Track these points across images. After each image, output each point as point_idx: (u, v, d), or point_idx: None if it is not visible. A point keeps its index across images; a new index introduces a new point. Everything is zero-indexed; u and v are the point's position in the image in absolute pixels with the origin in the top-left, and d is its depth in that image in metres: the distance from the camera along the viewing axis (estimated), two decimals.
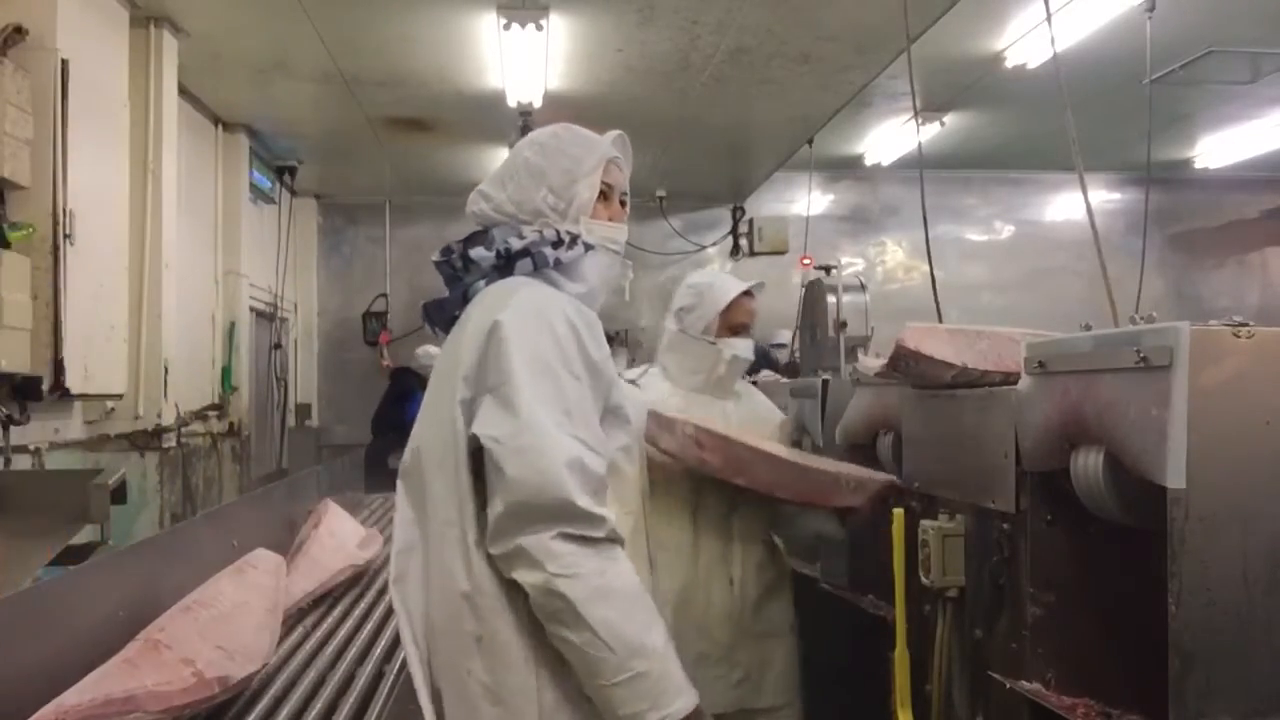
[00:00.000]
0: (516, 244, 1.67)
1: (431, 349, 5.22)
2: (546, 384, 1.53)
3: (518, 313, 1.57)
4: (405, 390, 6.94)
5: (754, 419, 2.76)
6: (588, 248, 1.70)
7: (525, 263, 1.66)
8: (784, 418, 2.92)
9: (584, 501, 1.47)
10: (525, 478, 1.47)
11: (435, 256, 1.75)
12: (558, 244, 1.67)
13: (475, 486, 1.54)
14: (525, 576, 1.46)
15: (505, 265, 1.67)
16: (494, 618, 1.51)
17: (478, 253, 1.68)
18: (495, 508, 1.48)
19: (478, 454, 1.53)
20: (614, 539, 1.50)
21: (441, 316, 1.74)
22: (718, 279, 2.76)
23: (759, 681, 2.55)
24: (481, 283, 1.68)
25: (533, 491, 1.46)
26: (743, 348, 2.67)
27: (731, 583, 2.56)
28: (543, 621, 1.49)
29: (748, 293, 2.70)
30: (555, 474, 1.47)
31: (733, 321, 2.66)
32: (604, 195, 1.75)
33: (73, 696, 1.58)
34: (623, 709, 1.46)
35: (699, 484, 2.56)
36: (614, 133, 1.79)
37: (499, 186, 1.75)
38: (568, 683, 1.51)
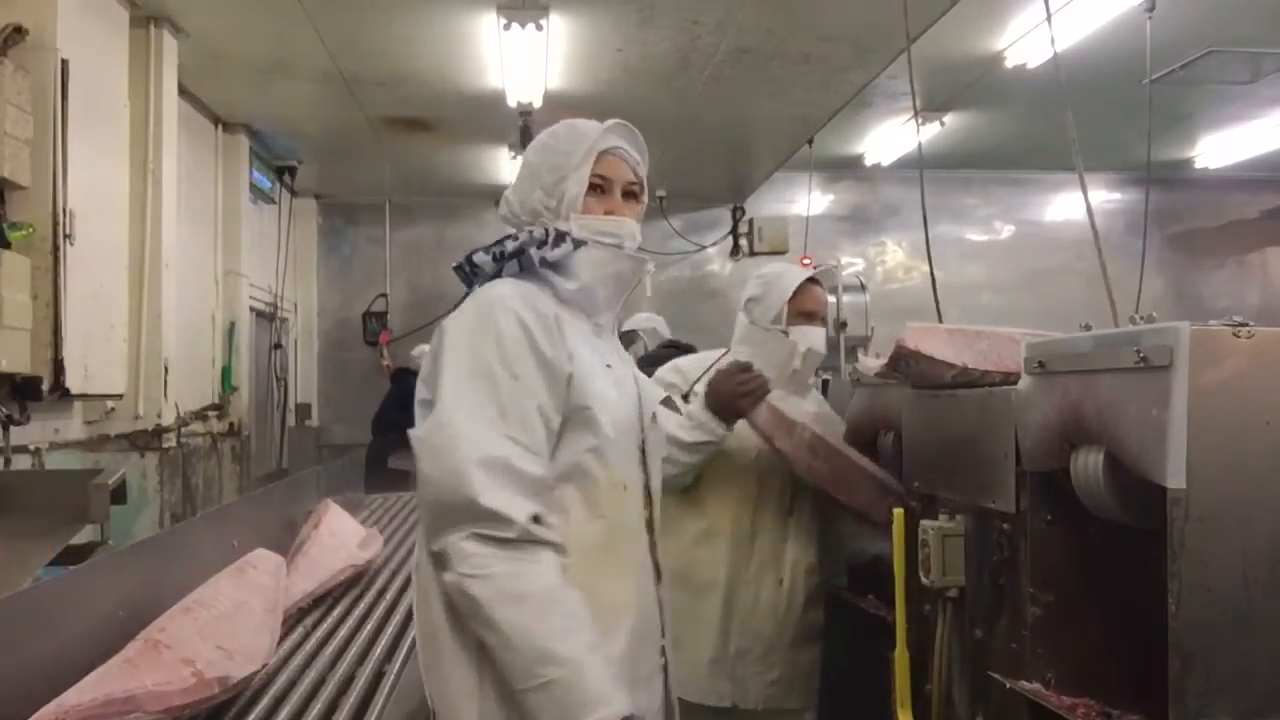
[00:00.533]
0: (510, 246, 1.66)
1: (425, 347, 5.18)
2: (479, 384, 1.52)
3: (463, 315, 1.60)
4: (406, 390, 6.90)
5: (828, 419, 2.73)
6: (577, 244, 1.67)
7: (512, 264, 1.66)
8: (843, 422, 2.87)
9: (492, 500, 1.44)
10: (436, 476, 1.48)
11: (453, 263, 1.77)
12: (543, 243, 1.65)
13: None
14: (443, 576, 1.48)
15: (497, 268, 1.67)
16: (436, 617, 1.54)
17: (479, 257, 1.69)
18: (420, 508, 1.52)
19: None
20: (533, 540, 1.46)
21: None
22: (786, 268, 2.72)
23: (790, 683, 2.56)
24: (479, 286, 1.68)
25: (444, 490, 1.47)
26: (815, 338, 2.62)
27: (780, 583, 2.56)
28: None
29: (815, 280, 2.66)
30: (463, 471, 1.45)
31: (802, 309, 2.61)
32: (599, 189, 1.72)
33: (73, 696, 1.58)
34: (539, 714, 1.43)
35: (763, 478, 2.57)
36: (610, 121, 1.74)
37: (513, 189, 1.77)
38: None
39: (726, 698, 2.51)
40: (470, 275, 1.70)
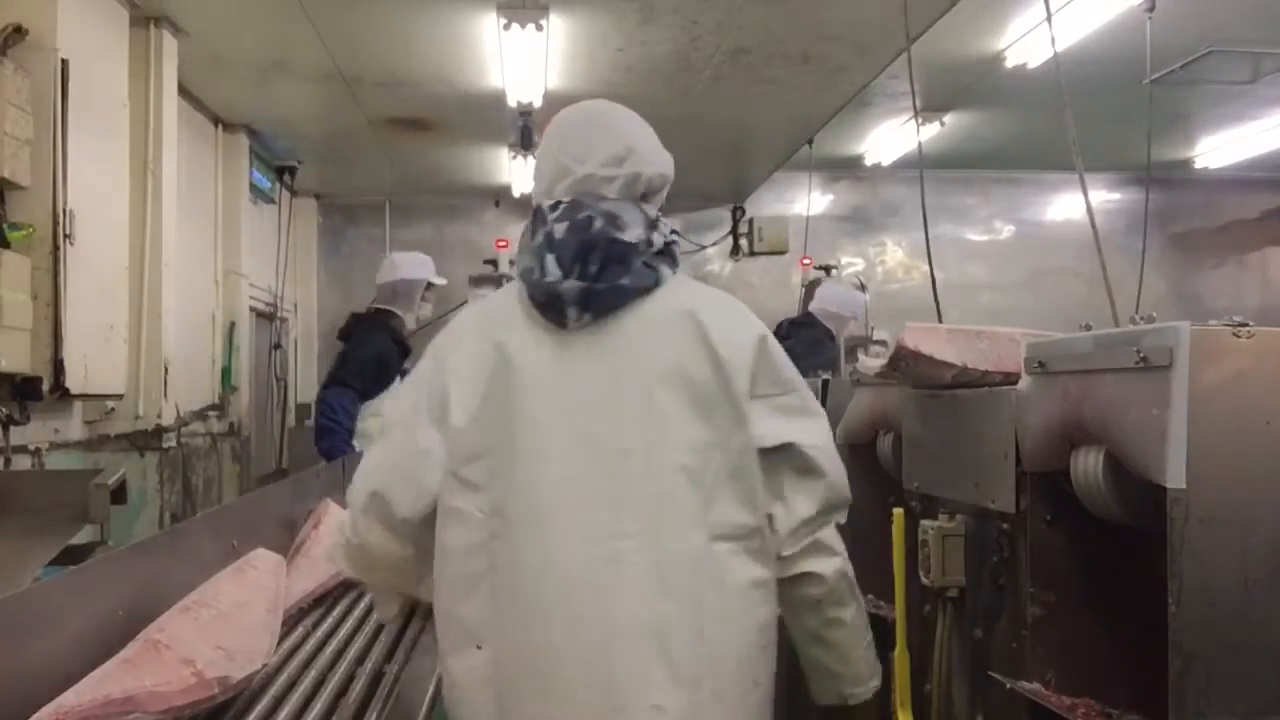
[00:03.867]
0: (666, 228, 1.70)
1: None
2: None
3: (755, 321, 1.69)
4: None
5: None
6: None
7: (675, 250, 1.71)
8: None
9: None
10: (837, 477, 1.63)
11: (596, 235, 1.61)
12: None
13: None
14: (821, 565, 1.63)
15: (671, 251, 1.69)
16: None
17: (656, 235, 1.67)
18: (801, 509, 1.60)
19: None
20: None
21: (611, 301, 1.61)
22: None
23: None
24: (667, 270, 1.66)
25: (839, 488, 1.64)
26: None
27: None
28: (819, 607, 1.66)
29: None
30: (844, 471, 1.66)
31: None
32: None
33: (72, 697, 1.58)
34: (868, 667, 1.74)
35: None
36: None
37: (661, 168, 1.74)
38: None
39: None
40: (641, 251, 1.63)
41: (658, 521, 1.54)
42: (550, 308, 1.62)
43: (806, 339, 5.33)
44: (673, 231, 1.70)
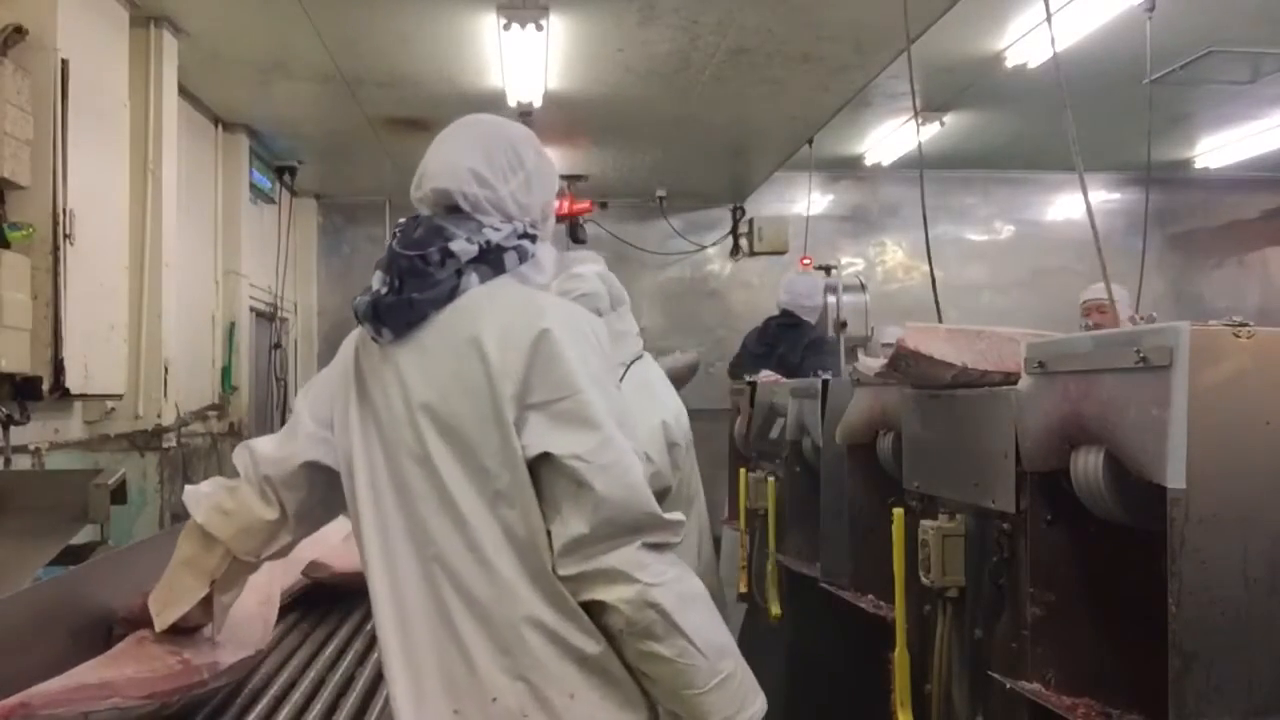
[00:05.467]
0: (495, 236, 1.60)
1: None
2: (603, 395, 1.51)
3: (560, 321, 1.52)
4: None
5: None
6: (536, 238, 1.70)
7: (512, 256, 1.61)
8: None
9: (663, 512, 1.48)
10: (614, 493, 1.44)
11: (407, 250, 1.59)
12: (531, 238, 1.66)
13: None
14: (610, 593, 1.43)
15: (493, 259, 1.59)
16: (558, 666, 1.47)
17: (458, 245, 1.58)
18: (573, 528, 1.44)
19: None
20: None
21: (408, 317, 1.58)
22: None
23: None
24: (474, 279, 1.58)
25: (620, 507, 1.44)
26: None
27: None
28: (627, 639, 1.44)
29: None
30: (640, 487, 1.46)
31: None
32: None
33: (44, 685, 1.55)
34: (715, 715, 1.44)
35: None
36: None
37: (501, 178, 1.66)
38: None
39: None
40: (436, 266, 1.57)
41: (445, 552, 1.51)
42: (362, 322, 1.65)
43: (796, 341, 5.32)
44: (523, 235, 1.62)
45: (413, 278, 1.58)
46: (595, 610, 1.46)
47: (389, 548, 1.55)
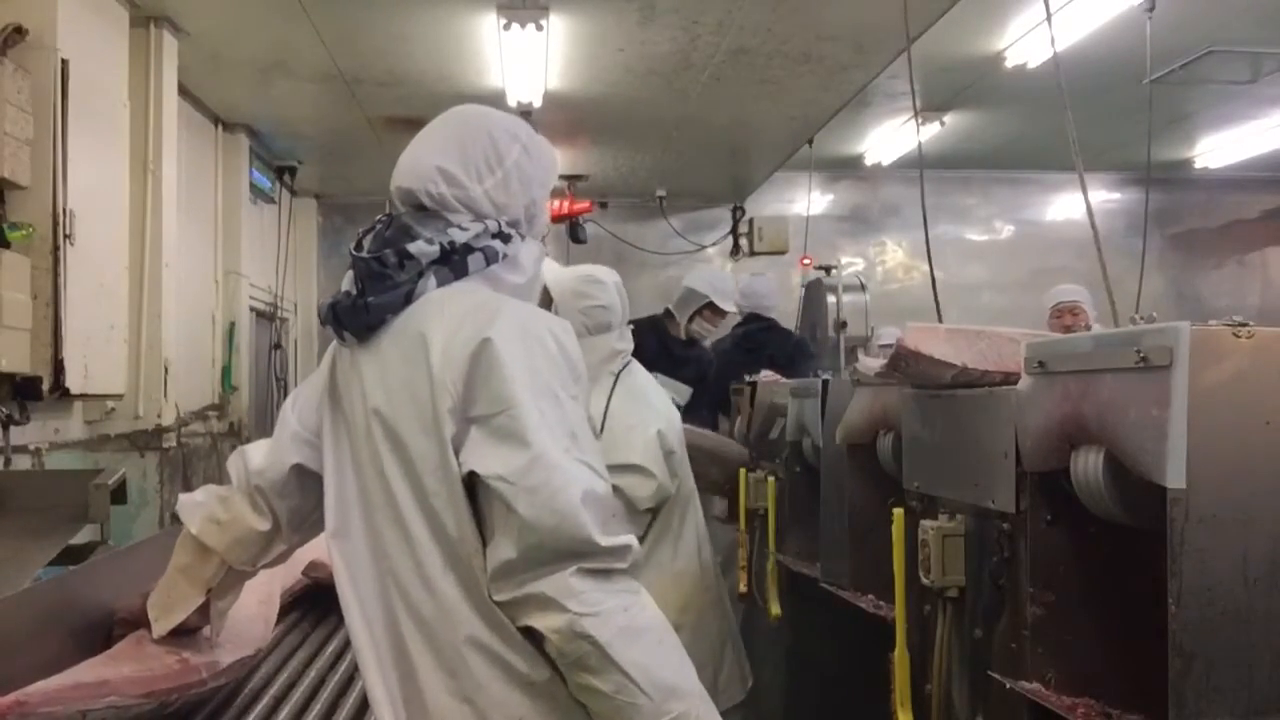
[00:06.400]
0: (461, 236, 1.53)
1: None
2: (550, 408, 1.41)
3: (506, 329, 1.43)
4: None
5: None
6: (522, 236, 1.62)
7: (478, 258, 1.53)
8: None
9: (603, 537, 1.36)
10: (540, 518, 1.35)
11: (370, 251, 1.54)
12: (505, 237, 1.57)
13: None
14: (540, 621, 1.35)
15: (455, 261, 1.52)
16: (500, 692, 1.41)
17: (417, 246, 1.51)
18: (502, 551, 1.37)
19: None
20: (631, 572, 1.40)
21: (365, 320, 1.53)
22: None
23: None
24: (432, 282, 1.51)
25: (548, 532, 1.35)
26: None
27: None
28: (565, 669, 1.37)
29: None
30: (572, 510, 1.35)
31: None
32: None
33: (41, 684, 1.54)
34: None
35: None
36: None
37: (474, 177, 1.58)
38: None
39: None
40: (394, 268, 1.51)
41: (397, 567, 1.48)
42: (323, 325, 1.61)
43: (782, 343, 5.30)
44: (496, 234, 1.55)
45: (371, 280, 1.52)
46: (538, 636, 1.39)
47: (352, 559, 1.51)
